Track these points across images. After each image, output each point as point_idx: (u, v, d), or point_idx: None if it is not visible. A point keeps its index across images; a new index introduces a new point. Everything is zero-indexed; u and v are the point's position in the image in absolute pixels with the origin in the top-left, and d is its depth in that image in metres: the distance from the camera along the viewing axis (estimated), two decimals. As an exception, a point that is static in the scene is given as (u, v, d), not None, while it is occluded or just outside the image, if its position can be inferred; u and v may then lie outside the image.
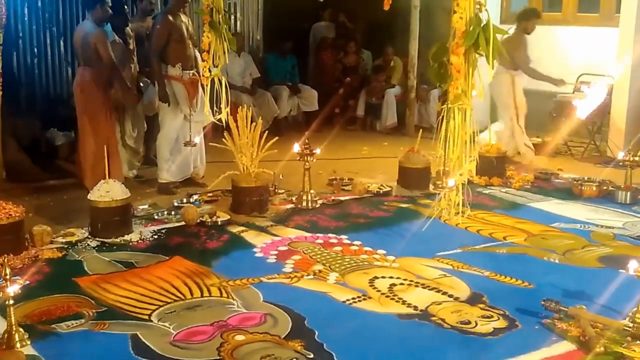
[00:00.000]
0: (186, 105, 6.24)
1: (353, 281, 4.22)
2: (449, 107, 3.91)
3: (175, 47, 6.21)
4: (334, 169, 7.14)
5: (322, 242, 4.95)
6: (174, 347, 3.37)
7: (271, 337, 3.45)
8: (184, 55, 6.27)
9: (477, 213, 5.53)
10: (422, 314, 3.74)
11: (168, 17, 6.21)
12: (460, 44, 3.78)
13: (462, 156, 4.07)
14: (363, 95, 9.97)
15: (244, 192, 5.65)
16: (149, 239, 4.99)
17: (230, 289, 4.08)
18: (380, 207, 5.88)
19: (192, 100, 6.27)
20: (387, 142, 8.92)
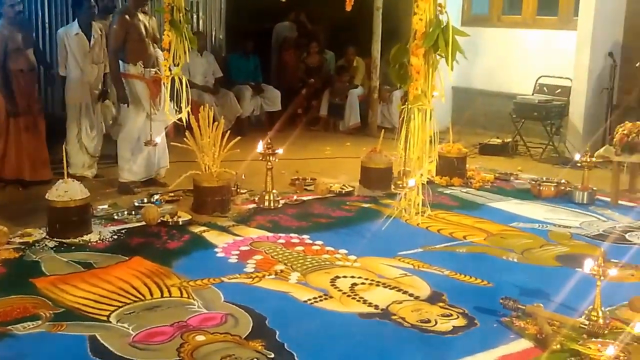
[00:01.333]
0: (148, 103, 6.18)
1: (314, 281, 4.22)
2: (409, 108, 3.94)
3: (134, 46, 6.14)
4: (297, 169, 7.14)
5: (284, 242, 4.95)
6: (133, 348, 3.33)
7: (232, 338, 3.44)
8: (144, 53, 6.20)
9: (438, 213, 5.58)
10: (383, 313, 3.76)
11: (125, 16, 6.14)
12: (420, 45, 3.81)
13: (423, 156, 4.10)
14: (326, 95, 9.99)
15: (206, 192, 5.62)
16: (108, 239, 4.93)
17: (190, 289, 4.05)
18: (342, 207, 5.90)
19: (155, 98, 6.21)
20: (349, 143, 8.95)
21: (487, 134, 8.89)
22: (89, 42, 6.70)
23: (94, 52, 6.74)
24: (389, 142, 6.27)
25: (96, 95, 6.87)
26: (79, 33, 6.65)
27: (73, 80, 6.73)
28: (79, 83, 6.71)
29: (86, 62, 6.70)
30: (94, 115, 6.85)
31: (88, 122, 6.82)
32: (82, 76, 6.72)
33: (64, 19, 8.31)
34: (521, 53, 9.12)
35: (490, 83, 9.41)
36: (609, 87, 7.93)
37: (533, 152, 8.27)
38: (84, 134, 6.79)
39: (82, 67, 6.70)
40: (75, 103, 6.77)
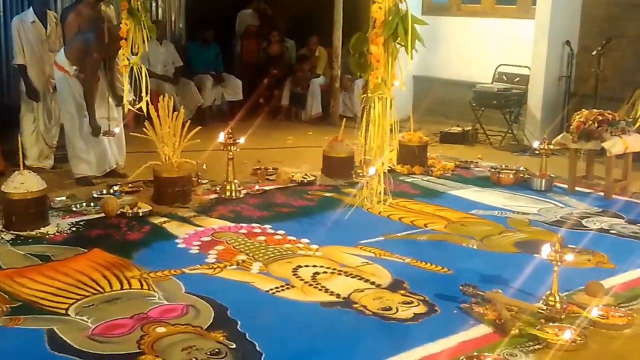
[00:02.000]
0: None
1: (276, 270, 4.22)
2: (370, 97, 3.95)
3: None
4: (259, 158, 7.11)
5: (246, 232, 4.93)
6: (93, 341, 3.29)
7: (193, 329, 3.42)
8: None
9: (399, 201, 5.62)
10: (345, 302, 3.77)
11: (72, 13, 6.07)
12: (379, 34, 3.82)
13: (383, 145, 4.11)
14: (288, 84, 9.95)
15: (166, 183, 5.57)
16: (66, 232, 4.86)
17: (151, 281, 4.01)
18: (304, 196, 5.90)
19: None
20: (311, 132, 8.94)
21: (448, 122, 8.96)
22: (46, 31, 6.56)
23: (50, 40, 6.60)
24: (351, 131, 6.27)
25: (53, 84, 6.72)
26: (35, 21, 6.49)
27: (29, 70, 6.55)
28: (36, 72, 6.55)
29: (43, 50, 6.55)
30: (52, 105, 6.71)
31: (45, 112, 6.69)
32: (39, 65, 6.56)
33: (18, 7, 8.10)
34: (481, 42, 9.20)
35: (451, 72, 9.49)
36: (567, 75, 8.07)
37: (492, 140, 8.37)
38: (41, 124, 6.66)
39: (38, 56, 6.54)
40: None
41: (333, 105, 9.57)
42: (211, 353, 3.17)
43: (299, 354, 3.23)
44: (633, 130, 5.92)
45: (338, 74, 9.45)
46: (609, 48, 7.46)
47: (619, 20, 7.75)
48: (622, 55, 7.69)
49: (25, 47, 6.49)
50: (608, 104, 7.05)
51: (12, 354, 3.20)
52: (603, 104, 7.05)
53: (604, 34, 7.64)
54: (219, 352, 3.19)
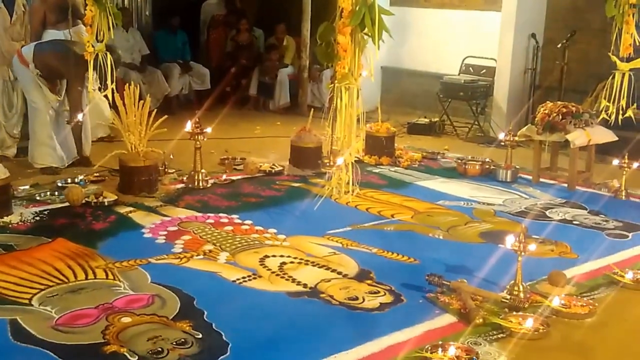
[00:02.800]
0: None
1: (243, 260, 4.21)
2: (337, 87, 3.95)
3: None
4: (226, 148, 7.08)
5: (213, 222, 4.92)
6: (56, 331, 3.26)
7: (159, 319, 3.40)
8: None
9: (367, 191, 5.64)
10: (312, 291, 3.78)
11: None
12: (347, 24, 3.82)
13: (350, 135, 4.12)
14: (256, 74, 9.91)
15: (132, 172, 5.51)
16: (30, 221, 4.79)
17: (116, 271, 3.98)
18: (272, 186, 5.89)
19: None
20: (279, 122, 8.93)
21: (415, 113, 9.02)
22: (10, 18, 6.40)
23: (14, 28, 6.45)
24: (319, 121, 6.27)
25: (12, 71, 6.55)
26: (1, 7, 6.35)
27: None
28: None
29: (4, 38, 6.41)
30: (13, 94, 6.57)
31: (6, 101, 6.53)
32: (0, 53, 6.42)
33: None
34: (448, 33, 9.25)
35: (419, 63, 9.54)
36: (532, 67, 8.16)
37: (459, 131, 8.44)
38: (1, 113, 6.51)
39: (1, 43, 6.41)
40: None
41: (301, 96, 9.56)
42: (177, 343, 3.16)
43: (265, 343, 3.23)
44: (596, 122, 6.02)
45: (306, 64, 9.44)
46: (573, 41, 7.56)
47: (583, 13, 7.86)
48: (586, 47, 7.80)
49: None
50: (572, 96, 7.16)
51: (-27, 344, 3.16)
52: (567, 97, 7.15)
53: (569, 27, 7.74)
54: (185, 342, 3.18)
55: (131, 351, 3.07)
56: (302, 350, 3.16)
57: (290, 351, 3.16)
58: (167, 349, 3.10)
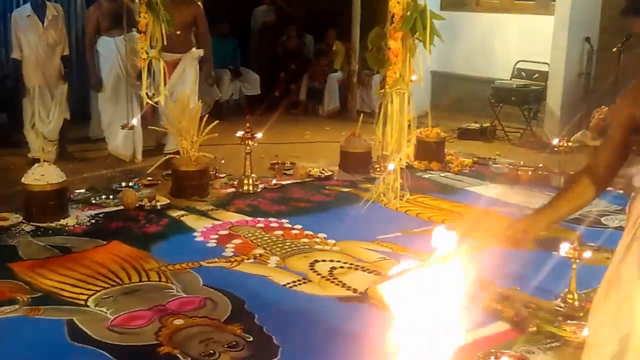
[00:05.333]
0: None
1: (293, 265, 4.23)
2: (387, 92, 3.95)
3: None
4: (276, 153, 7.13)
5: (263, 226, 4.95)
6: (111, 332, 3.33)
7: (210, 321, 3.44)
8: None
9: (417, 197, 5.61)
10: (362, 297, 3.78)
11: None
12: (398, 29, 3.82)
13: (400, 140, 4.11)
14: (305, 79, 9.95)
15: (184, 176, 5.60)
16: (85, 224, 4.90)
17: (169, 274, 4.04)
18: (322, 191, 5.90)
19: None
20: (329, 127, 8.94)
21: (466, 118, 8.92)
22: (42, 24, 6.46)
23: (48, 33, 6.49)
24: (368, 127, 6.26)
25: (54, 78, 6.61)
26: (30, 15, 6.41)
27: (26, 64, 6.48)
28: (32, 66, 6.47)
29: (39, 44, 6.47)
30: (52, 100, 6.63)
31: (42, 106, 6.59)
32: (35, 59, 6.46)
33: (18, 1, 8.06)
34: (500, 38, 9.15)
35: (469, 67, 9.44)
36: (586, 72, 8.00)
37: (511, 136, 8.32)
38: (37, 118, 6.57)
39: (35, 50, 6.45)
40: (29, 87, 6.53)
41: (350, 101, 9.56)
42: (229, 346, 3.19)
43: (315, 348, 3.24)
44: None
45: (356, 69, 9.43)
46: (629, 45, 7.38)
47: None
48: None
49: (22, 41, 6.44)
50: (628, 101, 6.97)
51: (32, 343, 3.24)
52: (623, 102, 6.97)
53: (624, 31, 7.56)
54: (237, 344, 3.21)
55: (184, 353, 3.12)
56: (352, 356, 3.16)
57: (340, 356, 3.16)
58: (218, 352, 3.14)
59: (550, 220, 2.26)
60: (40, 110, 6.58)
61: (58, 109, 6.64)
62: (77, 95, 7.40)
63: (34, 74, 6.49)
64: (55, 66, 6.55)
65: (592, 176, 2.24)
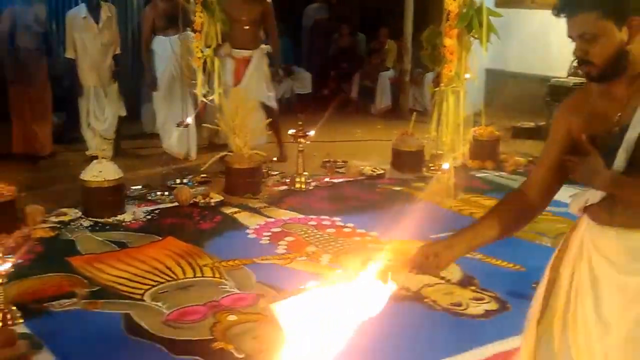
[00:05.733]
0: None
1: (346, 263, 4.23)
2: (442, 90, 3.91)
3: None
4: (328, 151, 7.13)
5: (315, 224, 4.96)
6: (167, 326, 3.38)
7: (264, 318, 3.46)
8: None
9: (470, 196, 5.54)
10: (414, 296, 3.76)
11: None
12: (454, 27, 3.79)
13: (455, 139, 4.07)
14: (357, 77, 9.94)
15: (238, 174, 5.65)
16: (142, 219, 4.99)
17: (223, 270, 4.09)
18: (374, 189, 5.89)
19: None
20: (380, 125, 8.91)
21: (521, 117, 8.77)
22: (97, 25, 6.58)
23: (103, 34, 6.62)
24: (421, 125, 6.23)
25: (107, 77, 6.74)
26: (86, 16, 6.54)
27: (81, 64, 6.64)
28: (87, 67, 6.62)
29: (94, 45, 6.60)
30: (106, 98, 6.76)
31: (97, 105, 6.73)
32: (90, 60, 6.61)
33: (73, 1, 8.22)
34: (556, 34, 8.93)
35: (524, 65, 9.29)
36: (647, 69, 7.77)
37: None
38: (92, 117, 6.72)
39: (90, 51, 6.59)
40: (85, 86, 6.68)
41: (402, 99, 9.51)
42: (282, 342, 3.21)
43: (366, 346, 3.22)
44: None
45: (408, 67, 9.37)
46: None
47: None
48: None
49: (77, 42, 6.57)
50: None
51: (90, 336, 3.32)
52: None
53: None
54: (290, 341, 3.22)
55: (237, 348, 3.15)
56: (404, 355, 3.15)
57: (392, 355, 3.15)
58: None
59: (469, 246, 2.01)
60: (95, 109, 6.73)
61: (112, 107, 6.79)
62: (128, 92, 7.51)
63: (89, 75, 6.64)
64: (108, 66, 6.71)
65: (525, 197, 2.01)
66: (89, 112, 6.73)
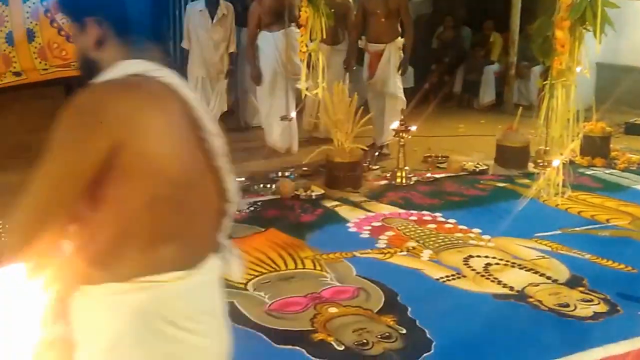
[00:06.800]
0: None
1: (447, 259, 4.17)
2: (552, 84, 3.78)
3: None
4: (429, 146, 7.05)
5: (416, 219, 4.92)
6: (269, 316, 3.44)
7: (364, 311, 3.47)
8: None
9: (579, 194, 5.34)
10: (519, 295, 3.66)
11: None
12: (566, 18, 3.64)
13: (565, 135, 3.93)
14: (461, 71, 9.77)
15: (338, 167, 5.67)
16: (245, 211, 5.09)
17: (323, 262, 4.12)
18: (476, 185, 5.77)
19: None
20: (484, 120, 8.72)
21: (634, 112, 8.38)
22: (212, 20, 6.71)
23: (216, 29, 6.72)
24: (526, 120, 6.06)
25: (216, 72, 6.86)
26: (202, 10, 6.69)
27: (192, 56, 6.80)
28: (197, 58, 6.79)
29: (206, 38, 6.74)
30: (213, 92, 6.91)
31: (203, 97, 6.79)
32: (201, 52, 6.76)
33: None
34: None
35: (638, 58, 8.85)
36: None
37: (684, 132, 7.71)
38: None
39: (201, 43, 6.73)
40: (192, 77, 6.82)
41: (507, 93, 9.26)
42: (382, 336, 3.21)
43: (470, 344, 3.18)
44: None
45: (514, 60, 9.12)
46: None
47: None
48: None
49: (191, 34, 6.76)
50: None
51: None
52: None
53: None
54: (390, 336, 3.21)
55: (338, 341, 3.17)
56: (507, 355, 3.08)
57: (495, 355, 3.09)
58: (372, 342, 3.16)
59: None
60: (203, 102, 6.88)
61: (218, 101, 6.95)
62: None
63: (198, 66, 6.81)
64: (218, 60, 6.83)
65: None
66: None
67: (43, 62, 6.11)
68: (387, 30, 6.44)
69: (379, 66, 6.49)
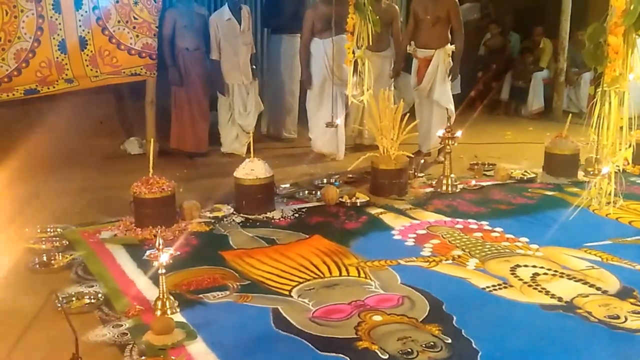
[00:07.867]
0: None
1: (493, 268, 4.11)
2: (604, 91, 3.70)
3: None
4: (475, 153, 6.98)
5: (462, 227, 4.87)
6: (313, 323, 3.43)
7: (408, 320, 3.44)
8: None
9: (630, 204, 5.21)
10: (567, 306, 3.59)
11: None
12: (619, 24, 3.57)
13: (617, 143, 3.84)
14: (508, 78, 9.66)
15: (383, 175, 5.65)
16: (290, 217, 5.11)
17: (368, 270, 4.10)
18: (524, 194, 5.69)
19: None
20: (532, 127, 8.61)
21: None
22: (239, 26, 6.83)
23: (244, 35, 6.87)
24: (576, 128, 5.95)
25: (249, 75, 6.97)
26: (230, 18, 6.80)
27: (226, 65, 6.91)
28: (232, 66, 6.89)
29: (237, 45, 6.85)
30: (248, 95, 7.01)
31: (241, 101, 7.01)
32: (235, 59, 6.87)
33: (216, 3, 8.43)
34: None
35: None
36: None
37: None
38: (237, 113, 7.00)
39: (234, 51, 6.85)
40: (230, 84, 6.96)
41: (556, 100, 9.13)
42: (426, 346, 3.17)
43: (516, 355, 3.12)
44: None
45: (563, 67, 8.99)
46: None
47: None
48: None
49: (222, 43, 6.85)
50: None
51: (239, 328, 3.43)
52: None
53: None
54: (435, 345, 3.18)
55: (382, 349, 3.14)
56: (556, 367, 3.02)
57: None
58: (416, 351, 3.12)
59: None
60: (239, 106, 7.01)
61: (254, 102, 7.06)
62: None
63: (234, 74, 6.94)
64: (248, 64, 6.96)
65: None
66: (232, 109, 7.01)
67: (94, 69, 6.24)
68: (436, 36, 6.41)
69: (427, 72, 6.46)
